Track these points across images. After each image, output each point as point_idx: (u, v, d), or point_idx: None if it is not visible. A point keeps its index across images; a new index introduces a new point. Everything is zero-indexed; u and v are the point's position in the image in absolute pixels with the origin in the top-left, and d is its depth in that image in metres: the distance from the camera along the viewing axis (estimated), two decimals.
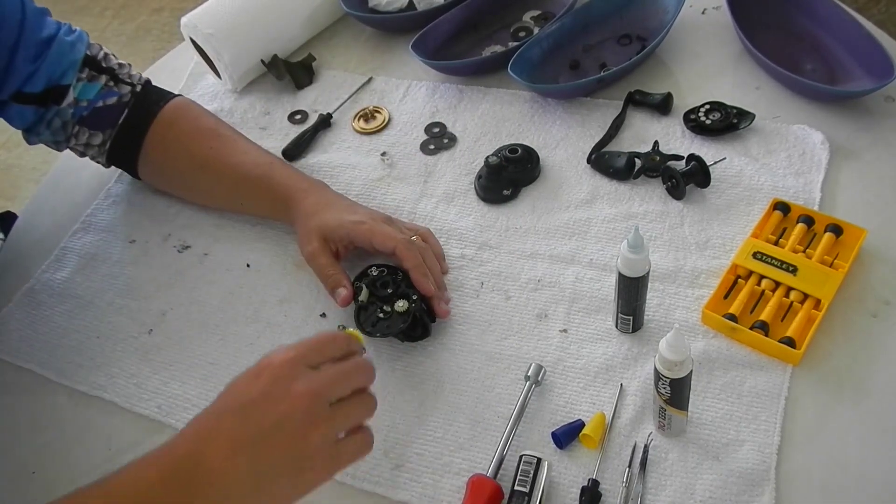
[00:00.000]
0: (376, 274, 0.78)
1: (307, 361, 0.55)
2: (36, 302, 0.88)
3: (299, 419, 0.52)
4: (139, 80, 0.91)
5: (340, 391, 0.55)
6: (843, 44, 0.92)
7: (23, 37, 0.81)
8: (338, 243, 0.81)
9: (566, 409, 0.70)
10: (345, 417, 0.55)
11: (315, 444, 0.53)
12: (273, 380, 0.53)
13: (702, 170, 0.82)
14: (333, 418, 0.54)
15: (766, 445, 0.65)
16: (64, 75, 0.84)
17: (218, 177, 0.88)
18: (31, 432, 0.77)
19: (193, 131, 0.90)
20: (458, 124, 0.97)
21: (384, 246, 0.78)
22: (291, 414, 0.52)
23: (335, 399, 0.55)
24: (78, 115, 0.87)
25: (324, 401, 0.54)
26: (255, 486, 0.51)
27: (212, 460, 0.51)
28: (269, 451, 0.52)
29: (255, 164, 0.87)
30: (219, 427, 0.52)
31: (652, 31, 1.00)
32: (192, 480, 0.51)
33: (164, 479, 0.51)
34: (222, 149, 0.88)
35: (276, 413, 0.52)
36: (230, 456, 0.51)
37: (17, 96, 0.83)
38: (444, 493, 0.66)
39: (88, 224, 0.95)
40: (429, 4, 1.08)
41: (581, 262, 0.80)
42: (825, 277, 0.72)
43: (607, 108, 0.94)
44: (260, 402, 0.52)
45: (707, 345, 0.72)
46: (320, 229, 0.80)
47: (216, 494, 0.51)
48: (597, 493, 0.64)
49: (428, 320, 0.76)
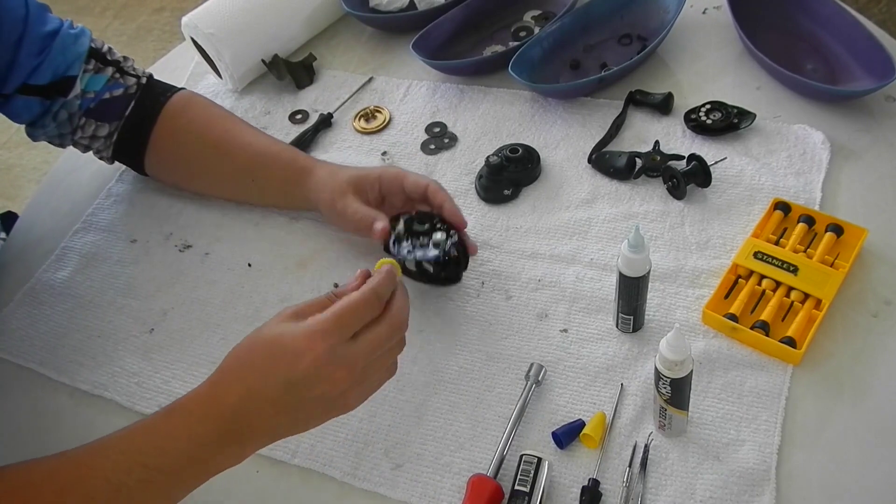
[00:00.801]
0: (413, 215, 0.78)
1: (346, 335, 0.59)
2: (37, 301, 0.88)
3: (338, 393, 0.59)
4: (143, 73, 0.92)
5: (375, 358, 0.61)
6: (844, 44, 0.92)
7: (27, 32, 0.81)
8: (368, 192, 0.80)
9: (566, 409, 0.70)
10: (377, 374, 0.62)
11: (350, 399, 0.61)
12: (316, 366, 0.58)
13: (702, 169, 0.82)
14: (367, 379, 0.61)
15: (767, 445, 0.65)
16: (70, 67, 0.85)
17: (230, 157, 0.89)
18: (32, 432, 0.77)
19: (206, 116, 0.91)
20: (459, 124, 0.97)
21: (416, 185, 0.78)
22: (331, 391, 0.59)
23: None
24: (85, 106, 0.87)
25: (359, 371, 0.59)
26: (295, 427, 0.61)
27: (257, 420, 0.59)
28: (308, 411, 0.60)
29: (271, 143, 0.89)
30: (264, 391, 0.58)
31: (652, 31, 1.00)
32: (242, 435, 0.59)
33: (220, 434, 0.58)
34: (235, 130, 0.90)
35: (317, 391, 0.58)
36: (273, 416, 0.59)
37: (23, 88, 0.83)
38: (444, 493, 0.66)
39: (89, 223, 0.96)
40: (429, 4, 1.08)
41: (582, 262, 0.80)
42: (826, 277, 0.72)
43: (608, 108, 0.94)
44: (302, 382, 0.58)
45: (707, 345, 0.72)
46: (351, 179, 0.80)
47: (259, 443, 0.60)
48: (597, 492, 0.64)
49: (462, 260, 0.76)
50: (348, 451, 0.70)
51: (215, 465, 0.60)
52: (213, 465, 0.60)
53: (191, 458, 0.59)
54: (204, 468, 0.60)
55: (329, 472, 0.69)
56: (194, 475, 0.60)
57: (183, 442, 0.58)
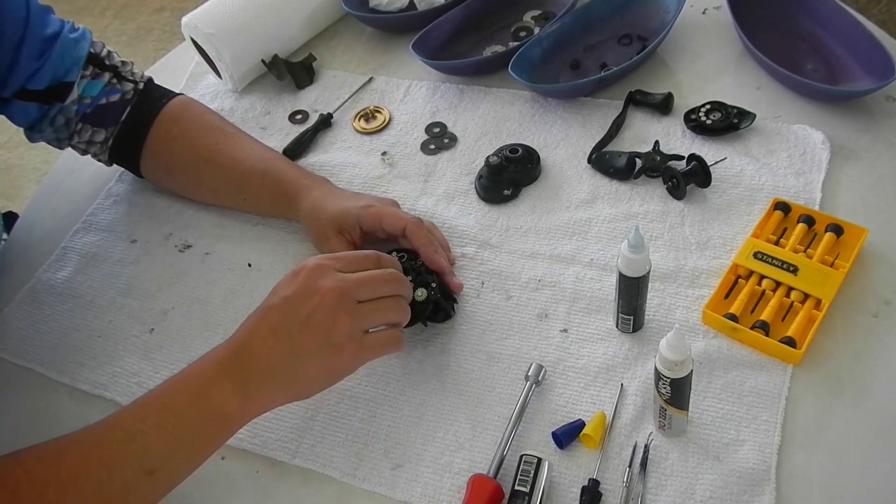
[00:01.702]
0: (398, 257, 0.77)
1: (338, 267, 0.65)
2: (37, 301, 0.88)
3: (328, 310, 0.62)
4: (142, 78, 0.91)
5: (366, 293, 0.65)
6: (844, 44, 0.92)
7: (27, 34, 0.81)
8: (350, 232, 0.80)
9: (566, 409, 0.70)
10: (370, 313, 0.65)
11: (343, 332, 0.63)
12: (307, 279, 0.64)
13: (702, 170, 0.82)
14: (359, 312, 0.64)
15: (767, 445, 0.65)
16: (68, 72, 0.85)
17: (221, 171, 0.88)
18: (32, 432, 0.77)
19: (198, 127, 0.90)
20: (459, 124, 0.97)
21: (394, 226, 0.78)
22: (321, 306, 0.62)
23: (363, 299, 0.64)
24: (81, 112, 0.87)
25: (350, 297, 0.63)
26: (293, 366, 0.62)
27: (257, 347, 0.62)
28: (304, 337, 0.62)
29: (259, 160, 0.88)
30: (263, 320, 0.63)
31: (652, 31, 1.00)
32: (244, 365, 0.62)
33: (223, 366, 0.62)
34: (226, 143, 0.89)
35: (308, 306, 0.62)
36: (271, 343, 0.62)
37: (21, 93, 0.83)
38: (445, 493, 0.66)
39: (89, 223, 0.96)
40: (429, 4, 1.08)
41: (581, 262, 0.80)
42: (826, 277, 0.72)
43: (608, 108, 0.94)
44: (295, 297, 0.63)
45: (707, 345, 0.72)
46: (333, 221, 0.80)
47: (261, 375, 0.62)
48: (597, 492, 0.64)
49: (448, 305, 0.76)
50: (348, 452, 0.70)
51: (218, 404, 0.61)
52: (217, 404, 0.61)
53: (196, 395, 0.61)
54: (208, 407, 0.61)
55: (329, 472, 0.69)
56: (201, 417, 0.61)
57: (191, 380, 0.62)
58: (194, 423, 0.61)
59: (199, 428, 0.62)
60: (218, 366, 0.63)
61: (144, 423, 0.60)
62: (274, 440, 0.72)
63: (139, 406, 0.62)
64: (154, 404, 0.62)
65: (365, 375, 0.75)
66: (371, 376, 0.75)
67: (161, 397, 0.62)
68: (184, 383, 0.63)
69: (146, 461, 0.60)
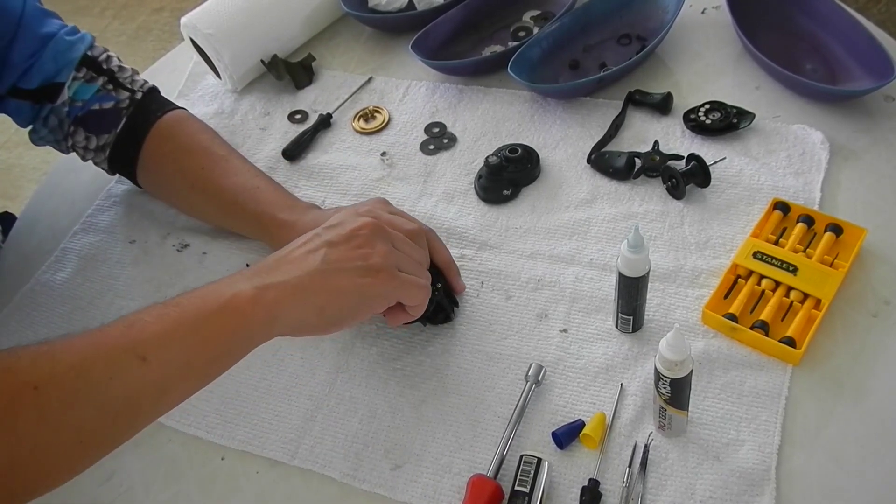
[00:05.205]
0: None
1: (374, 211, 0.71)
2: (36, 303, 0.88)
3: (365, 237, 0.66)
4: (142, 87, 0.90)
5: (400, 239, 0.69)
6: (843, 43, 0.92)
7: (20, 31, 0.81)
8: None
9: (566, 409, 0.70)
10: (406, 259, 0.68)
11: (379, 259, 0.65)
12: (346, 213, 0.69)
13: (702, 169, 0.82)
14: (393, 246, 0.67)
15: (767, 445, 0.65)
16: (59, 73, 0.84)
17: (205, 197, 0.86)
18: None
19: (187, 148, 0.88)
20: (458, 124, 0.97)
21: None
22: (359, 231, 0.66)
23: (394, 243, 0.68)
24: (73, 114, 0.87)
25: (386, 234, 0.68)
26: (324, 276, 0.63)
27: (294, 254, 0.65)
28: (338, 253, 0.64)
29: (243, 189, 0.84)
30: (301, 241, 0.66)
31: (652, 31, 1.00)
32: (278, 266, 0.63)
33: (255, 268, 0.64)
34: (213, 169, 0.86)
35: (348, 231, 0.66)
36: (307, 254, 0.64)
37: (13, 91, 0.84)
38: (444, 493, 0.66)
39: (88, 225, 0.96)
40: (429, 4, 1.08)
41: (581, 262, 0.80)
42: (825, 277, 0.72)
43: (607, 108, 0.94)
44: (333, 225, 0.67)
45: (707, 345, 0.72)
46: None
47: (294, 280, 0.62)
48: (597, 493, 0.64)
49: (449, 307, 0.77)
50: (348, 452, 0.70)
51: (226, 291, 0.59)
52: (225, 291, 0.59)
53: (207, 289, 0.60)
54: (216, 296, 0.59)
55: (329, 472, 0.69)
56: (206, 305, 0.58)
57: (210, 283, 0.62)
58: (198, 310, 0.58)
59: (202, 318, 0.58)
60: (240, 272, 0.63)
61: (148, 314, 0.58)
62: (274, 440, 0.72)
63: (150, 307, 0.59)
64: (162, 302, 0.59)
65: (365, 376, 0.75)
66: (371, 377, 0.75)
67: (172, 299, 0.60)
68: (200, 287, 0.61)
69: (139, 346, 0.55)
